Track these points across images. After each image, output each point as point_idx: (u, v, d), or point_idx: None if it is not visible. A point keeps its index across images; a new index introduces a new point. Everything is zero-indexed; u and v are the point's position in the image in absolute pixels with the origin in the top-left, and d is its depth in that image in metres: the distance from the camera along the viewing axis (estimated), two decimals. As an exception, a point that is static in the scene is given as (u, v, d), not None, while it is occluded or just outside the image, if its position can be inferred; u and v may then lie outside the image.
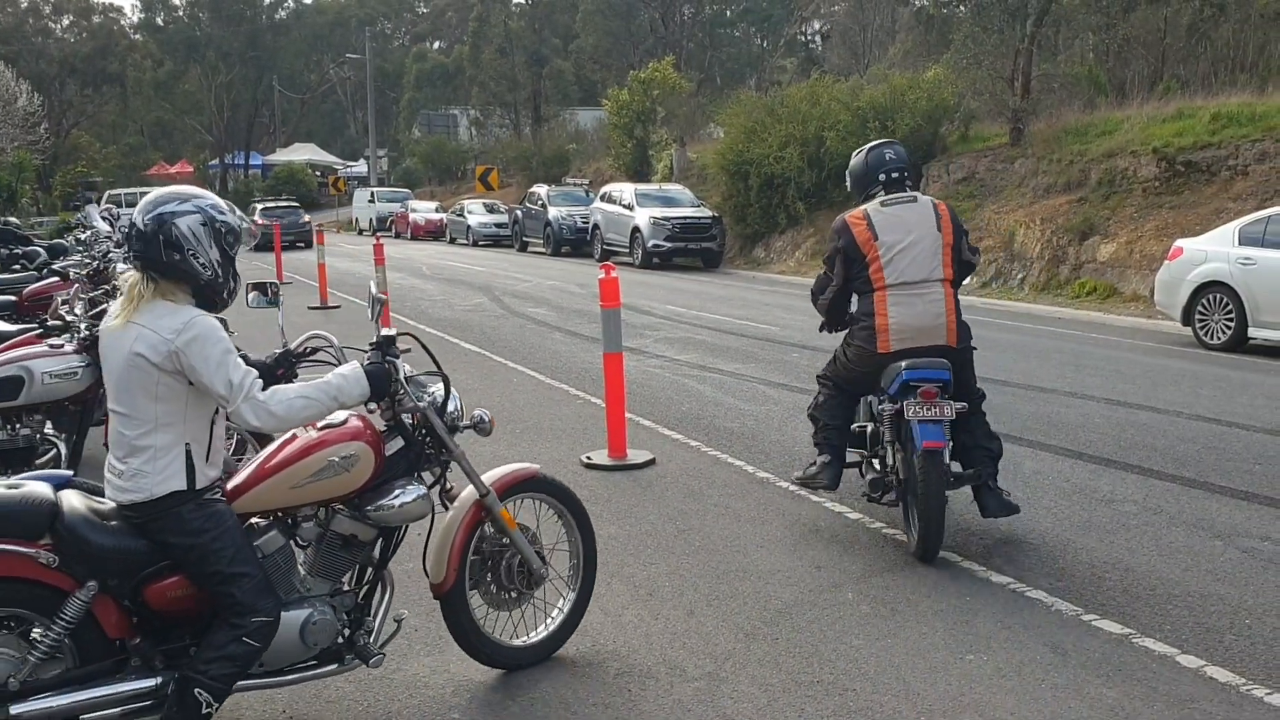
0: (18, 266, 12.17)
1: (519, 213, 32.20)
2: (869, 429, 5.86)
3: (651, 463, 7.25)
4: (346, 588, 3.86)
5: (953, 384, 5.46)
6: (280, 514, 3.71)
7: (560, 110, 52.74)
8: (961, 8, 26.01)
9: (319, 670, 3.74)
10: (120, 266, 8.17)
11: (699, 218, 25.23)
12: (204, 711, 3.37)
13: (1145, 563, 5.37)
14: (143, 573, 3.44)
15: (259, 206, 38.35)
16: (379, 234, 21.48)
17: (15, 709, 3.27)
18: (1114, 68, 26.48)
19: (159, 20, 69.49)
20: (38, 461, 5.23)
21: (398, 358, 3.85)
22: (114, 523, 3.42)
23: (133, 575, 3.43)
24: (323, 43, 72.27)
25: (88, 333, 5.39)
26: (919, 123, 23.31)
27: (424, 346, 4.29)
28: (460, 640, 4.18)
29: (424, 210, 40.70)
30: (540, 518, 4.43)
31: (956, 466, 5.71)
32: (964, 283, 6.06)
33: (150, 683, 3.44)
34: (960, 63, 23.45)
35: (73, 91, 69.20)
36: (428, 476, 3.98)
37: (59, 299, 6.39)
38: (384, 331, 3.87)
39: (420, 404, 3.85)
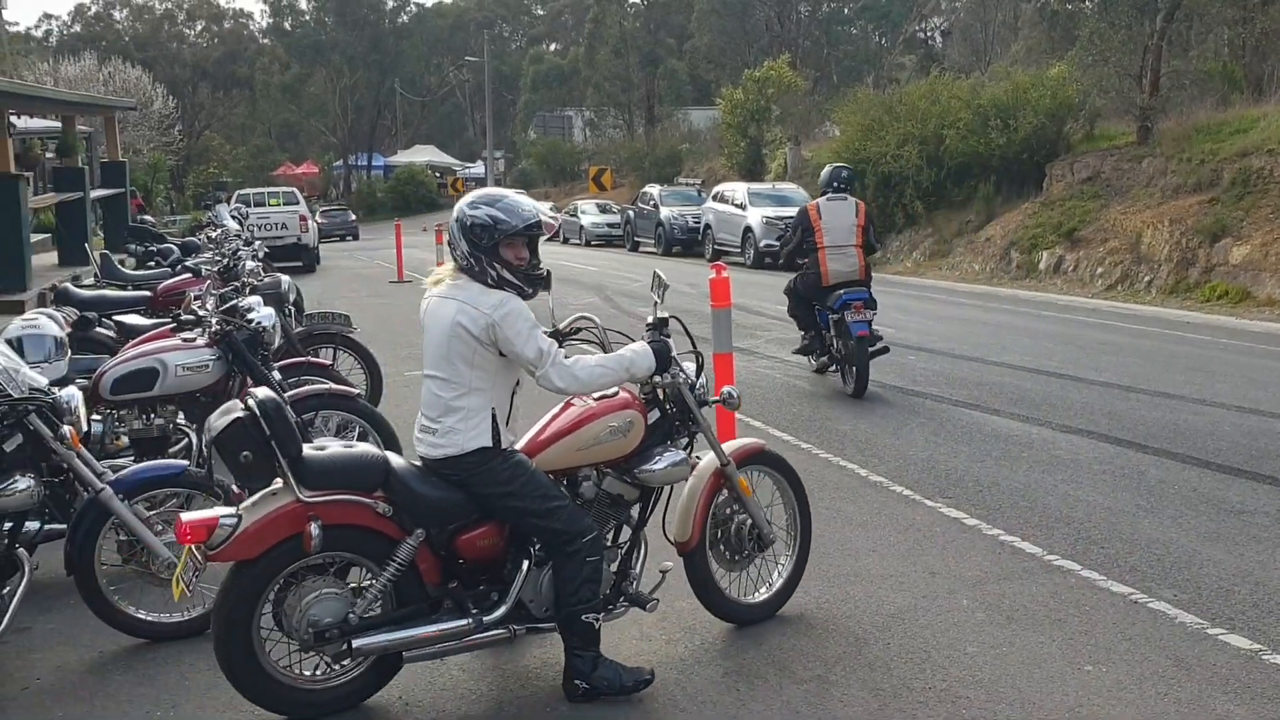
0: (153, 263, 12.66)
1: (631, 213, 32.34)
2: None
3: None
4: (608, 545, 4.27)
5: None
6: (559, 475, 4.13)
7: (674, 110, 52.80)
8: (1087, 3, 25.29)
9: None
10: (249, 265, 8.48)
11: (813, 217, 24.98)
12: (597, 627, 3.99)
13: (1278, 576, 5.16)
14: (458, 523, 3.90)
15: (319, 209, 44.93)
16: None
17: (357, 642, 3.74)
18: (1250, 63, 25.40)
19: (286, 25, 71.62)
20: (170, 451, 5.45)
21: (669, 338, 4.34)
22: (433, 478, 3.89)
23: (450, 525, 3.90)
24: (442, 46, 73.61)
25: (218, 327, 5.60)
26: (1042, 121, 22.77)
27: (684, 328, 4.62)
28: (700, 594, 4.57)
29: (539, 211, 41.11)
30: (756, 486, 4.74)
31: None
32: (877, 254, 10.48)
33: (463, 622, 3.89)
34: (1086, 60, 22.79)
35: (205, 95, 71.76)
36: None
37: (191, 295, 6.64)
38: (659, 314, 4.40)
39: (682, 380, 4.32)
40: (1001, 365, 11.13)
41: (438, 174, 61.83)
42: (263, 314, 5.76)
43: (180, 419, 5.57)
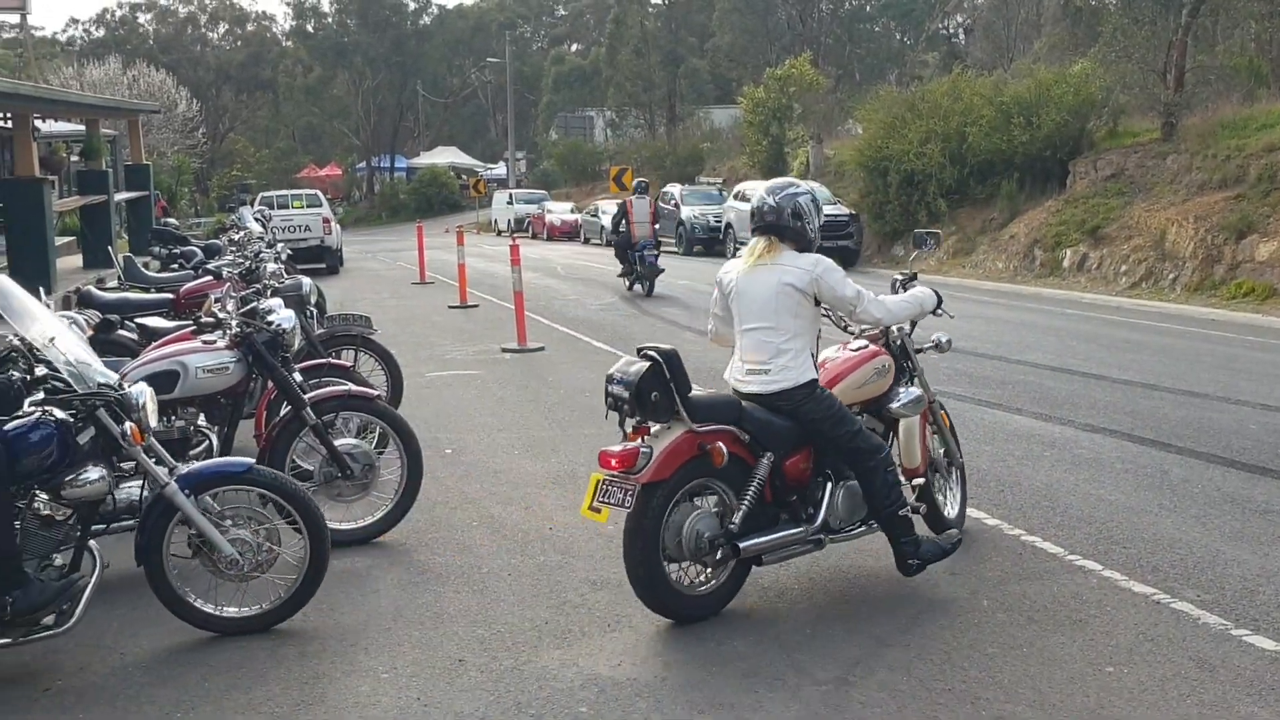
0: (176, 266, 12.74)
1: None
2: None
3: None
4: None
5: None
6: None
7: (695, 109, 52.73)
8: (1111, -1, 25.11)
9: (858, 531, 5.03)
10: (270, 267, 8.53)
11: (835, 215, 24.85)
12: (910, 517, 4.90)
13: (1303, 577, 5.11)
14: (793, 447, 4.74)
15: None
16: (515, 235, 21.84)
17: (743, 544, 4.60)
18: (1277, 58, 25.16)
19: (309, 27, 71.86)
20: (191, 453, 5.47)
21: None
22: (770, 411, 4.71)
23: (790, 448, 4.74)
24: (464, 47, 73.70)
25: (238, 329, 5.62)
26: (1065, 118, 22.62)
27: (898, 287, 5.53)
28: (928, 517, 5.38)
29: (559, 211, 41.20)
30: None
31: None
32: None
33: (799, 530, 4.79)
34: (1109, 56, 22.65)
35: (228, 97, 72.17)
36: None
37: (212, 297, 6.68)
38: (910, 270, 5.68)
39: (907, 331, 5.46)
40: (1024, 364, 11.07)
41: (460, 175, 61.97)
42: (283, 316, 5.78)
43: (201, 421, 5.60)
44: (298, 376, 5.88)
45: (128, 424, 4.31)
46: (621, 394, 4.56)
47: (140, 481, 5.33)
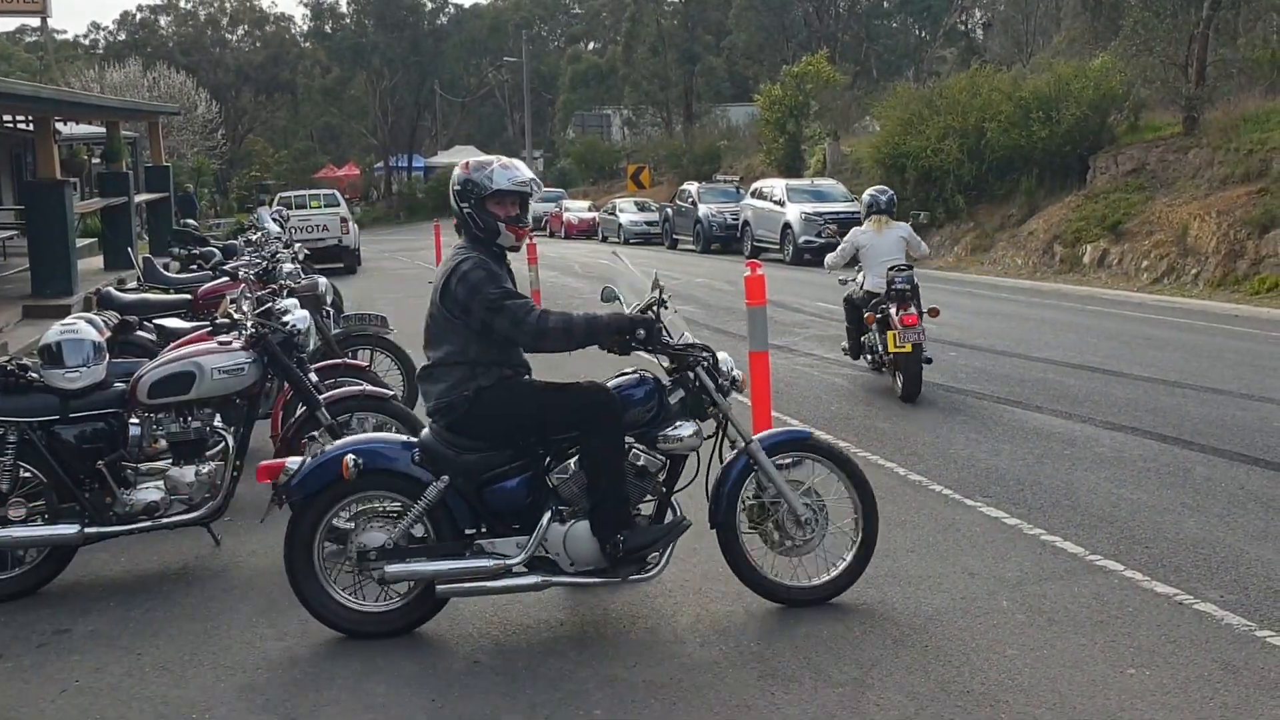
0: (195, 267, 12.77)
1: (669, 210, 32.27)
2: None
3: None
4: None
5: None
6: None
7: (712, 107, 52.61)
8: (1131, -8, 24.88)
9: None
10: (287, 267, 8.53)
11: (853, 213, 24.74)
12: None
13: (1328, 577, 5.03)
14: None
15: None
16: (533, 234, 21.79)
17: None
18: (1300, 50, 24.92)
19: (327, 29, 72.09)
20: (207, 454, 5.48)
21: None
22: None
23: None
24: (481, 47, 73.77)
25: (253, 330, 5.62)
26: (1085, 112, 22.45)
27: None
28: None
29: (577, 210, 41.20)
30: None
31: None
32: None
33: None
34: (1130, 50, 22.45)
35: (247, 99, 72.43)
36: None
37: (228, 298, 6.68)
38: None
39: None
40: (1044, 361, 10.98)
41: (478, 174, 61.92)
42: (297, 316, 5.77)
43: (217, 422, 5.59)
44: (313, 377, 5.88)
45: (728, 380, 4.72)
46: None
47: (158, 482, 5.36)
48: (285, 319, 5.74)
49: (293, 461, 4.53)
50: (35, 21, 32.20)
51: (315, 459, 4.50)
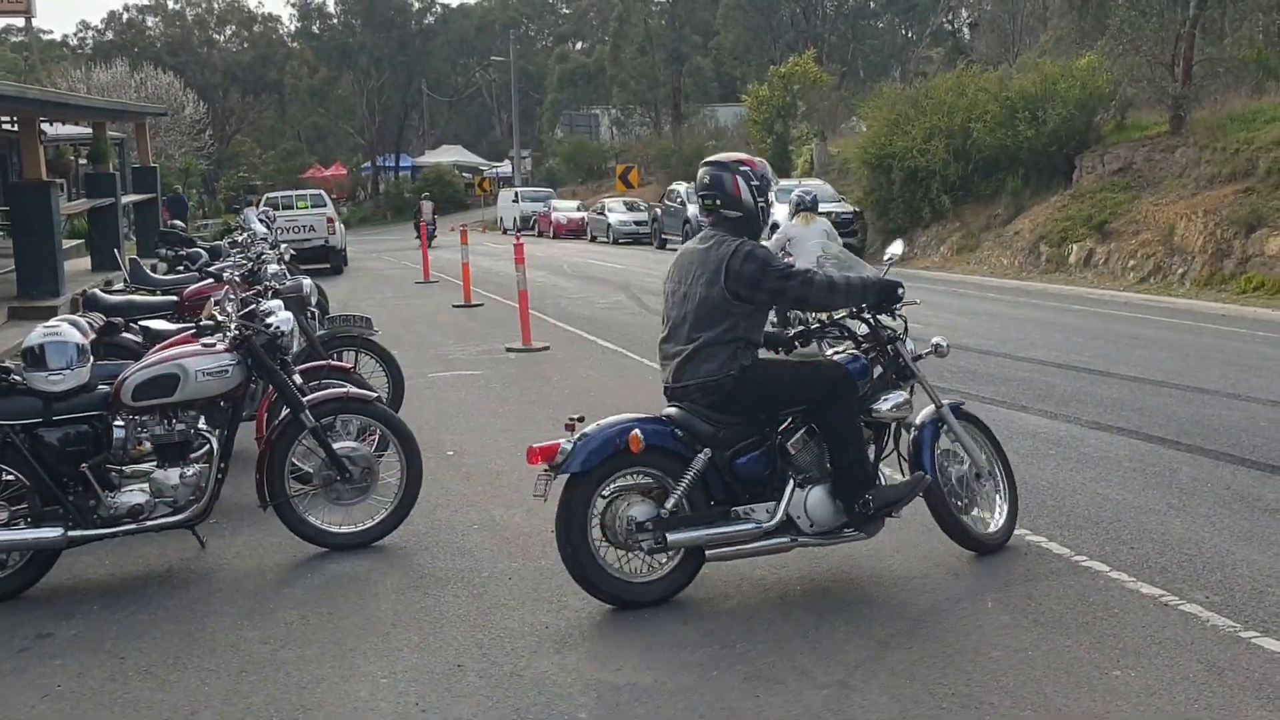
0: (182, 268, 12.72)
1: (658, 210, 32.27)
2: None
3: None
4: None
5: None
6: None
7: (700, 107, 52.66)
8: (1118, -8, 24.99)
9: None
10: (271, 268, 8.50)
11: (839, 212, 24.82)
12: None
13: (1312, 577, 5.05)
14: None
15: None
16: (520, 234, 21.80)
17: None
18: (1285, 50, 25.04)
19: (315, 29, 71.92)
20: (191, 456, 5.45)
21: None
22: None
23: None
24: (469, 46, 73.72)
25: (237, 332, 5.59)
26: (1071, 112, 22.53)
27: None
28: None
29: (565, 209, 41.20)
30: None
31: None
32: None
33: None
34: (1116, 49, 22.55)
35: (235, 99, 72.20)
36: None
37: (212, 300, 6.66)
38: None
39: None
40: (1030, 361, 11.01)
41: (465, 174, 61.97)
42: (281, 318, 5.74)
43: (201, 424, 5.57)
44: (298, 379, 5.85)
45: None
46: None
47: (143, 485, 5.33)
48: (269, 321, 5.71)
49: (567, 442, 4.69)
50: (19, 21, 32.00)
51: (600, 432, 4.71)
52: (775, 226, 14.24)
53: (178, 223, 21.71)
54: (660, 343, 5.10)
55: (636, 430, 4.69)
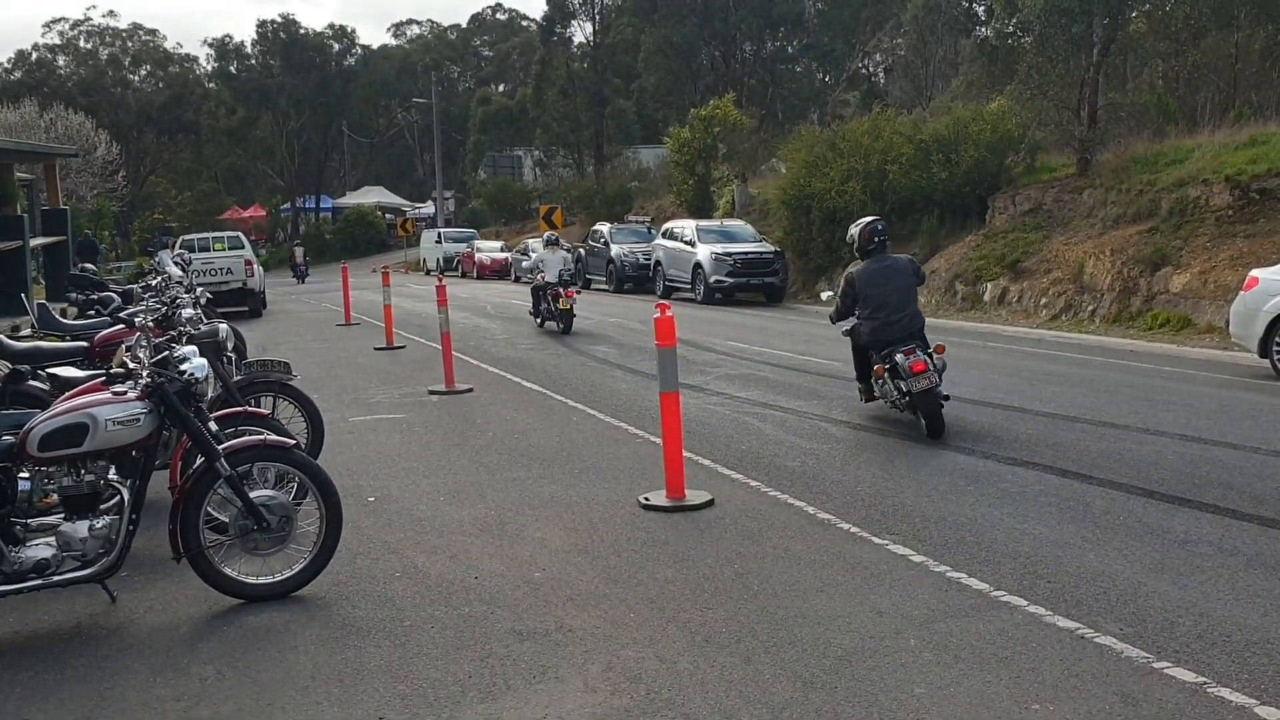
0: (93, 312, 12.44)
1: (582, 251, 32.37)
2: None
3: (710, 503, 7.17)
4: None
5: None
6: None
7: (622, 149, 53.06)
8: (1026, 38, 25.76)
9: None
10: (186, 313, 8.34)
11: (761, 253, 25.17)
12: None
13: (1221, 607, 5.18)
14: None
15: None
16: (444, 274, 21.74)
17: None
18: (1184, 95, 26.01)
19: (232, 69, 71.24)
20: (101, 507, 5.30)
21: None
22: None
23: None
24: (390, 88, 73.57)
25: (149, 379, 5.46)
26: (983, 154, 23.10)
27: None
28: None
29: (489, 250, 41.15)
30: None
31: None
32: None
33: None
34: (1024, 93, 23.20)
35: (150, 140, 71.15)
36: None
37: (123, 346, 6.50)
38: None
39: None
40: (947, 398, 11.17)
41: (387, 214, 61.60)
42: (195, 365, 5.62)
43: (112, 474, 5.42)
44: (213, 426, 5.73)
45: None
46: None
47: (49, 538, 5.17)
48: (183, 367, 5.58)
49: None
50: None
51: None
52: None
53: (89, 265, 21.25)
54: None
55: None
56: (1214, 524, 6.53)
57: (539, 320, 18.94)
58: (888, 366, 9.38)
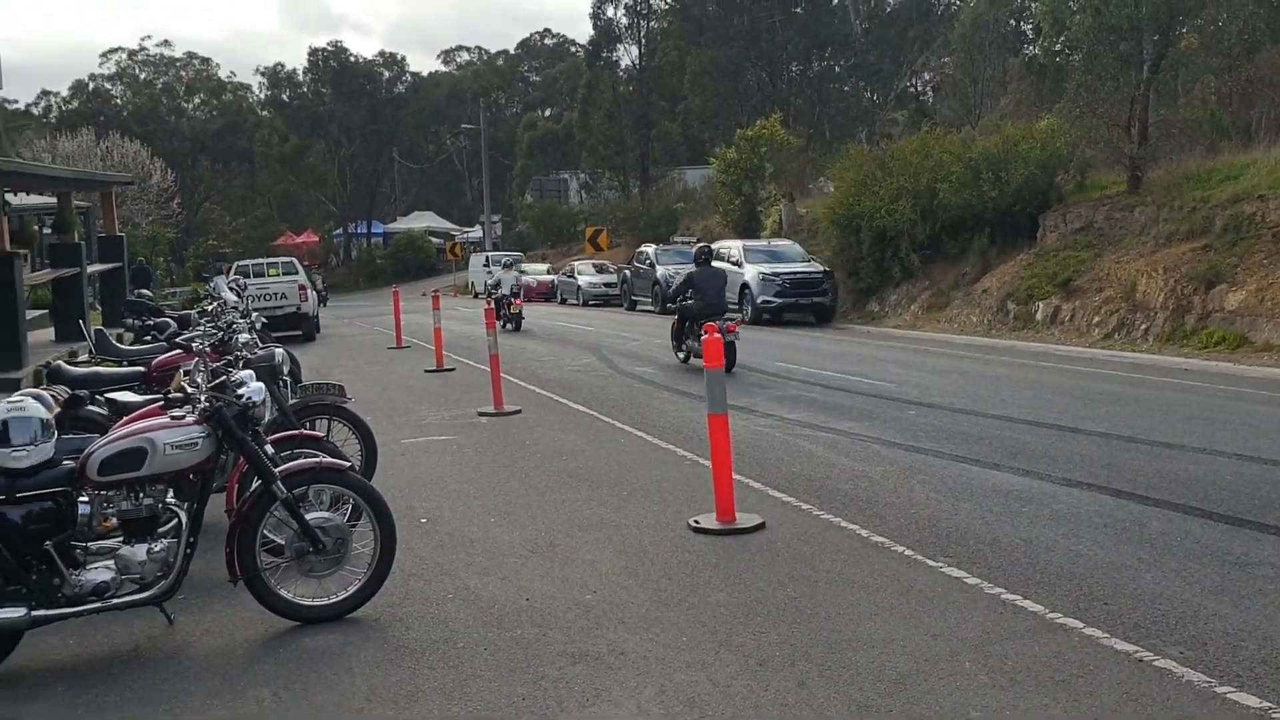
0: (149, 338, 12.65)
1: (628, 272, 32.46)
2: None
3: (761, 527, 7.14)
4: None
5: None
6: None
7: (668, 170, 53.26)
8: (1074, 56, 25.55)
9: None
10: (243, 338, 8.47)
11: (809, 272, 25.08)
12: None
13: (1285, 631, 5.07)
14: None
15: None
16: (490, 297, 21.89)
17: None
18: (1238, 110, 25.63)
19: (285, 97, 72.44)
20: (159, 531, 5.38)
21: None
22: None
23: None
24: (440, 114, 74.47)
25: (206, 404, 5.55)
26: (1033, 172, 22.93)
27: None
28: None
29: (535, 273, 41.39)
30: None
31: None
32: None
33: None
34: (1074, 111, 23.02)
35: (204, 167, 72.42)
36: None
37: (181, 371, 6.61)
38: None
39: None
40: (1000, 419, 11.08)
41: (437, 239, 62.21)
42: (253, 389, 5.71)
43: (170, 497, 5.50)
44: (269, 449, 5.81)
45: None
46: None
47: (109, 562, 5.26)
48: (240, 391, 5.67)
49: None
50: (-12, 93, 32.02)
51: None
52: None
53: (145, 292, 21.63)
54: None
55: None
56: (1276, 546, 6.41)
57: (503, 323, 23.17)
58: (699, 331, 12.41)
